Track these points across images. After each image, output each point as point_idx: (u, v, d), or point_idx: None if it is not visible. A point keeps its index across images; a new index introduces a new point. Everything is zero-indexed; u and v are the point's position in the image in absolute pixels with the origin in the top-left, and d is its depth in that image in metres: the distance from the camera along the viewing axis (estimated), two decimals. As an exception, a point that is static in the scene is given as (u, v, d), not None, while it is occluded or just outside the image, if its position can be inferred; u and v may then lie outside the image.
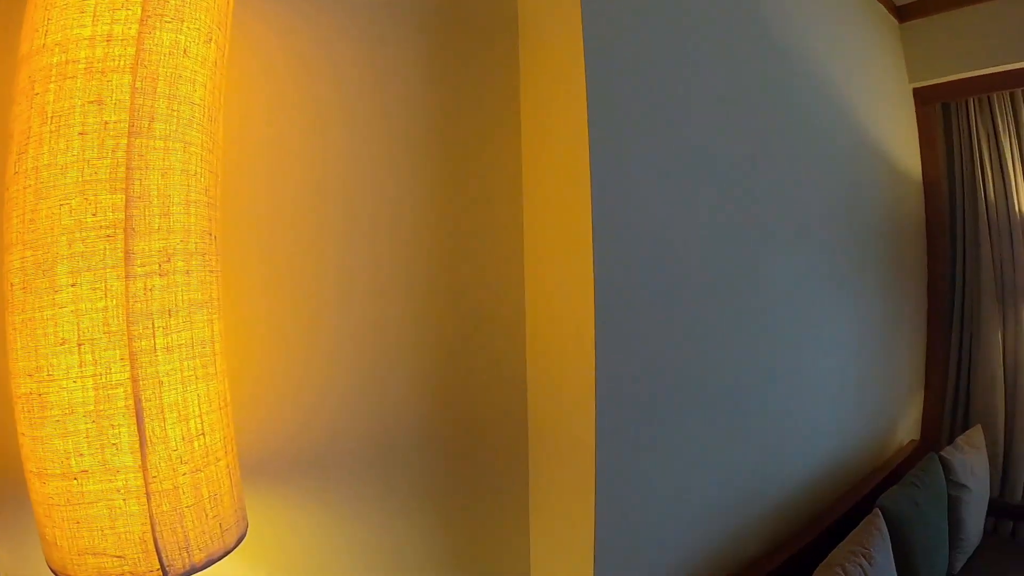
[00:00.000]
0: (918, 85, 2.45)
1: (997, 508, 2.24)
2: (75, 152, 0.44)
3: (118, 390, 0.44)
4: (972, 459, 1.99)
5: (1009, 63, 2.24)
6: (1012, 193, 2.36)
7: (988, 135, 2.41)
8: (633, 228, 1.05)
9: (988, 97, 2.40)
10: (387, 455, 0.88)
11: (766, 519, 1.50)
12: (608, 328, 0.99)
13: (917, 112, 2.49)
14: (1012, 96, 2.38)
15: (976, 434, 2.13)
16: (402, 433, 0.90)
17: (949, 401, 2.55)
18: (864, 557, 1.29)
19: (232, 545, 0.52)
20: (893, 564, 1.38)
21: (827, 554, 1.33)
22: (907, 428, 2.42)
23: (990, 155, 2.41)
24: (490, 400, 1.03)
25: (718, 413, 1.28)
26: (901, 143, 2.36)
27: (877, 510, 1.47)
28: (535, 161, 1.06)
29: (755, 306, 1.38)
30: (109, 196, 0.45)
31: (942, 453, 1.92)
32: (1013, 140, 2.38)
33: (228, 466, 0.53)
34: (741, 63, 1.36)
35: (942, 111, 2.53)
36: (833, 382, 1.75)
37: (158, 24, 0.47)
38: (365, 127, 0.86)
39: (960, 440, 2.07)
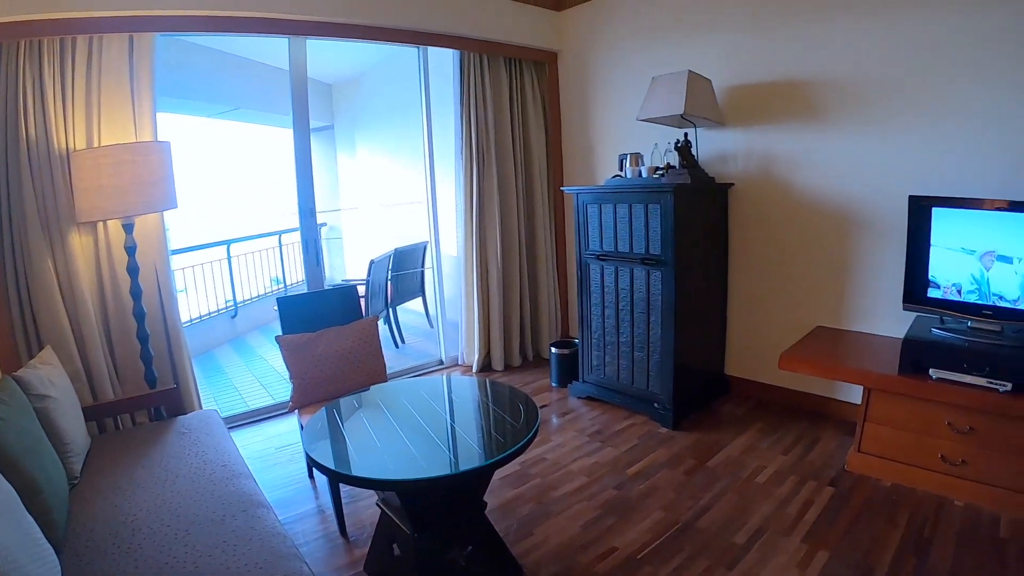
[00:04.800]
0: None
1: (96, 412, 2.49)
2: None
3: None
4: (47, 372, 2.18)
5: (57, 12, 2.43)
6: (52, 130, 2.58)
7: (34, 77, 2.53)
8: None
9: (39, 41, 2.51)
10: None
11: None
12: None
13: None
14: (62, 42, 2.58)
15: (47, 353, 2.32)
16: None
17: (19, 331, 2.59)
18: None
19: None
20: None
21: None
22: None
23: (34, 95, 2.54)
24: None
25: None
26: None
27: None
28: None
29: None
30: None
31: (15, 374, 2.01)
32: (57, 82, 2.59)
33: None
34: None
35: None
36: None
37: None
38: None
39: (32, 361, 2.21)
